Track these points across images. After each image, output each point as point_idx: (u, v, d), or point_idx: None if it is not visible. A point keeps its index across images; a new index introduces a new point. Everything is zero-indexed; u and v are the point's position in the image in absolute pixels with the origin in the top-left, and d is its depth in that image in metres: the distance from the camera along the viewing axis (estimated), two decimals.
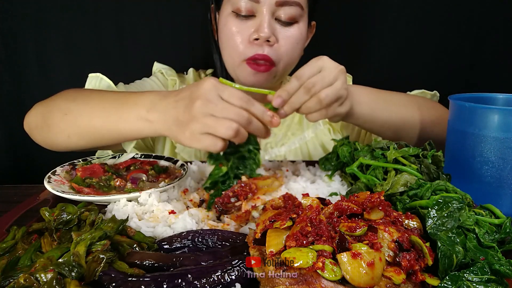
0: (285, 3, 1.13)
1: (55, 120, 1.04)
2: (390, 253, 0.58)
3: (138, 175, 0.99)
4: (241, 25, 1.16)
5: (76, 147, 1.07)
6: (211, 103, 0.82)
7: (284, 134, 1.43)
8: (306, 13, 1.21)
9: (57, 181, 0.94)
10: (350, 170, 0.96)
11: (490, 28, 1.77)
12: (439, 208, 0.68)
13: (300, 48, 1.25)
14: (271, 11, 1.13)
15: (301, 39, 1.22)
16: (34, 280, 0.55)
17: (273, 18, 1.15)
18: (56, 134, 1.06)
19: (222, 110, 0.82)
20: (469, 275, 0.57)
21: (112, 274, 0.58)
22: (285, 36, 1.17)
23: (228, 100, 0.84)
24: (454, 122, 0.97)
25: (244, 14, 1.15)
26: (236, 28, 1.17)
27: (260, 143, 1.38)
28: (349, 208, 0.65)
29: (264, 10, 1.12)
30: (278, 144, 1.42)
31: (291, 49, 1.20)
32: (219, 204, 0.86)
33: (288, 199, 0.76)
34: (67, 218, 0.72)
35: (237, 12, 1.15)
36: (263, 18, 1.13)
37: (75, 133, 1.03)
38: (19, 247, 0.67)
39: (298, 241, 0.58)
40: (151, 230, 0.76)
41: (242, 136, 0.84)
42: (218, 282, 0.57)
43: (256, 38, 1.14)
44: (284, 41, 1.17)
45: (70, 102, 1.05)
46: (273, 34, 1.15)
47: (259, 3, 1.12)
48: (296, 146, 1.42)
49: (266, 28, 1.12)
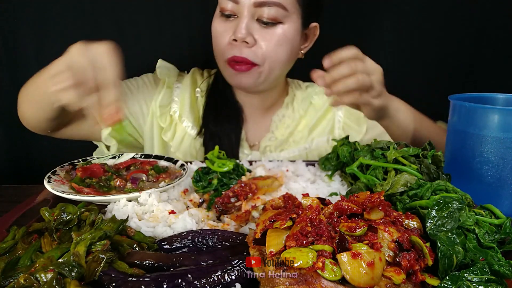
0: (263, 4, 1.13)
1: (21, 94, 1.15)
2: (390, 253, 0.58)
3: (138, 175, 0.99)
4: (225, 25, 1.19)
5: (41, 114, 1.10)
6: None
7: (286, 140, 1.41)
8: (295, 14, 1.19)
9: (57, 181, 0.94)
10: (350, 170, 0.95)
11: (490, 28, 1.77)
12: (439, 209, 0.68)
13: (287, 49, 1.22)
14: (250, 12, 1.14)
15: (286, 40, 1.19)
16: (34, 280, 0.55)
17: (254, 19, 1.15)
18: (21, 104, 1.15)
19: None
20: (469, 275, 0.57)
21: (112, 274, 0.58)
22: (265, 37, 1.17)
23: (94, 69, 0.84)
24: (454, 122, 0.97)
25: (227, 14, 1.17)
26: (220, 29, 1.20)
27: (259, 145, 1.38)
28: (349, 208, 0.65)
29: (244, 11, 1.14)
30: (278, 149, 1.40)
31: (274, 50, 1.18)
32: (219, 204, 0.87)
33: (288, 199, 0.76)
34: (67, 218, 0.72)
35: (222, 12, 1.18)
36: (242, 18, 1.14)
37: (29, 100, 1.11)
38: (19, 247, 0.67)
39: (298, 241, 0.58)
40: (151, 230, 0.76)
41: None
42: (218, 282, 0.57)
43: (235, 40, 1.15)
44: (264, 43, 1.17)
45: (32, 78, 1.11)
46: (252, 35, 1.15)
47: (239, 4, 1.14)
48: (296, 154, 1.40)
49: (243, 29, 1.13)
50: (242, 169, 1.01)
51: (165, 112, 1.36)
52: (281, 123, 1.43)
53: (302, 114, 1.43)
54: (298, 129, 1.43)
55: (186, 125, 1.37)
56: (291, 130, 1.42)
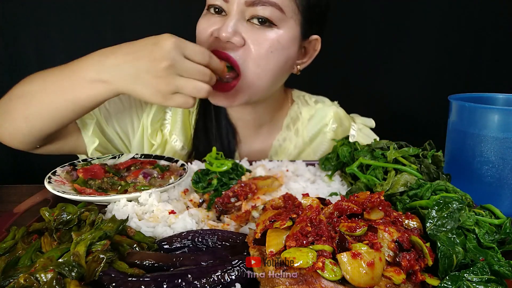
0: (257, 3, 1.01)
1: (12, 106, 1.00)
2: (390, 253, 0.58)
3: (150, 171, 0.98)
4: (210, 21, 1.07)
5: (40, 132, 1.00)
6: (178, 63, 0.88)
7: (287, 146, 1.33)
8: (293, 19, 1.06)
9: (58, 181, 0.94)
10: (350, 170, 0.95)
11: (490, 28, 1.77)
12: (439, 209, 0.68)
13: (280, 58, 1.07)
14: (240, 10, 1.02)
15: (278, 48, 1.05)
16: (34, 280, 0.55)
17: (245, 19, 1.04)
18: (14, 120, 0.99)
19: (189, 70, 0.90)
20: (469, 275, 0.57)
21: (112, 274, 0.58)
22: (256, 39, 1.03)
23: (191, 58, 0.90)
24: (454, 122, 0.97)
25: (215, 10, 1.07)
26: (204, 25, 1.08)
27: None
28: (349, 208, 0.65)
29: (233, 9, 1.03)
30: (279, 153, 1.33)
31: (264, 56, 1.04)
32: (219, 204, 0.87)
33: (288, 199, 0.76)
34: (67, 218, 0.72)
35: (208, 9, 1.09)
36: (230, 17, 1.03)
37: (32, 114, 0.97)
38: (19, 247, 0.67)
39: (298, 241, 0.58)
40: (151, 230, 0.76)
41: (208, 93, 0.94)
42: (218, 282, 0.57)
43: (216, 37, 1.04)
44: (254, 45, 1.03)
45: (26, 85, 1.01)
46: (240, 35, 1.03)
47: (228, 2, 1.03)
48: None
49: (230, 27, 1.01)
50: (241, 169, 1.01)
51: (156, 129, 1.26)
52: (281, 149, 1.31)
53: (307, 141, 1.32)
54: (301, 157, 1.31)
55: (176, 145, 1.27)
56: (293, 157, 1.31)
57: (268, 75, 1.08)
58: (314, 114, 1.33)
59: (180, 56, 0.89)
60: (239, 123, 1.30)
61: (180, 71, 0.89)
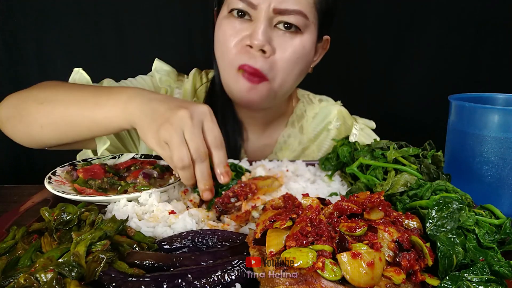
0: (284, 12, 1.02)
1: (30, 110, 0.99)
2: (390, 253, 0.58)
3: (150, 171, 0.98)
4: (236, 27, 1.06)
5: (49, 140, 1.02)
6: (191, 120, 0.81)
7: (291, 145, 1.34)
8: (313, 24, 1.09)
9: (58, 181, 0.94)
10: (350, 170, 0.95)
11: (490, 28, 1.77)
12: (439, 209, 0.68)
13: (303, 64, 1.11)
14: (268, 17, 1.02)
15: (304, 54, 1.09)
16: (34, 280, 0.55)
17: (272, 26, 1.04)
18: (29, 125, 1.00)
19: (191, 135, 0.80)
20: (469, 275, 0.57)
21: (112, 274, 0.58)
22: (284, 47, 1.05)
23: (204, 131, 0.83)
24: (454, 122, 0.97)
25: (239, 14, 1.05)
26: (230, 31, 1.06)
27: None
28: (349, 208, 0.65)
29: (261, 17, 1.02)
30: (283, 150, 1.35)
31: (291, 63, 1.07)
32: (219, 204, 0.86)
33: (288, 199, 0.76)
34: (67, 218, 0.72)
35: (233, 14, 1.06)
36: (259, 24, 1.02)
37: (49, 123, 0.98)
38: (19, 247, 0.67)
39: (298, 241, 0.58)
40: (151, 230, 0.76)
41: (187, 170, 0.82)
42: (218, 282, 0.57)
43: (250, 46, 1.03)
44: (282, 53, 1.05)
45: (47, 92, 1.00)
46: (269, 43, 1.03)
47: (257, 10, 1.02)
48: None
49: (261, 35, 1.01)
50: (240, 169, 1.01)
51: None
52: (286, 145, 1.33)
53: (311, 138, 1.33)
54: (306, 153, 1.33)
55: None
56: (297, 154, 1.32)
57: (292, 80, 1.13)
58: (318, 112, 1.37)
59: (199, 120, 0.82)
60: (248, 121, 1.31)
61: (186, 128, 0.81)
